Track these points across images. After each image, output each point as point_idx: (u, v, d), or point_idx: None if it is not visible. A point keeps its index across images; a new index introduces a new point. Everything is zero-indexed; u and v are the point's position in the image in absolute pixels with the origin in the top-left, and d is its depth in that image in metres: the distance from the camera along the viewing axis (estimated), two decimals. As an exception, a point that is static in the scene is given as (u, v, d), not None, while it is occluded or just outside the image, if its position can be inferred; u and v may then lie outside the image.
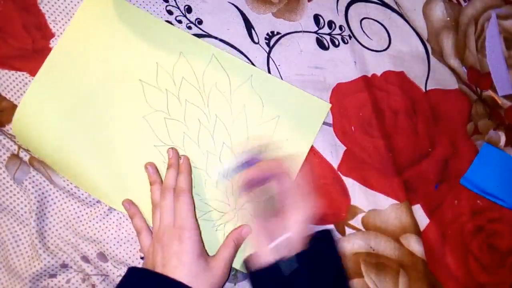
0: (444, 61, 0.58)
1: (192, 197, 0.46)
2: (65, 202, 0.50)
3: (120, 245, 0.50)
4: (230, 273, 0.49)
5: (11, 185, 0.49)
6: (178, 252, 0.42)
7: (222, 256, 0.45)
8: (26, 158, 0.50)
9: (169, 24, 0.52)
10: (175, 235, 0.43)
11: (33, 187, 0.49)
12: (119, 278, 0.49)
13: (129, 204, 0.48)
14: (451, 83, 0.58)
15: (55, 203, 0.50)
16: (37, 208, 0.48)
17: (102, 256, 0.50)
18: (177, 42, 0.52)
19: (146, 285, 0.40)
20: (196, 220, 0.45)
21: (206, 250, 0.46)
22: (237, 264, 0.49)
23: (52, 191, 0.50)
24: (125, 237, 0.51)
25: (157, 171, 0.49)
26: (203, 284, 0.41)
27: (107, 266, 0.50)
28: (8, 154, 0.49)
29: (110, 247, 0.50)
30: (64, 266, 0.49)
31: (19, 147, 0.49)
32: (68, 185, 0.50)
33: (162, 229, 0.44)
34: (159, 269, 0.42)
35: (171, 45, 0.52)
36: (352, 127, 0.55)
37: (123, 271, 0.49)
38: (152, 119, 0.51)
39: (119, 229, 0.51)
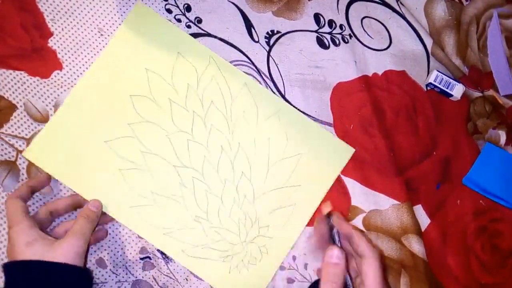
0: (445, 60, 0.58)
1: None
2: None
3: (118, 251, 0.50)
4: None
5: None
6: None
7: (71, 230, 0.44)
8: (24, 164, 0.49)
9: (206, 48, 0.52)
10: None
11: None
12: (118, 284, 0.49)
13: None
14: (452, 83, 0.58)
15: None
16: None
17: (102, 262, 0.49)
18: (210, 67, 0.52)
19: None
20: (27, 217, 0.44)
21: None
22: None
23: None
24: (122, 242, 0.50)
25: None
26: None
27: (106, 272, 0.49)
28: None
29: (108, 253, 0.49)
30: None
31: (18, 152, 0.49)
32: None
33: None
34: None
35: (204, 69, 0.52)
36: (351, 125, 0.55)
37: (121, 276, 0.49)
38: (175, 139, 0.50)
39: (116, 235, 0.50)
